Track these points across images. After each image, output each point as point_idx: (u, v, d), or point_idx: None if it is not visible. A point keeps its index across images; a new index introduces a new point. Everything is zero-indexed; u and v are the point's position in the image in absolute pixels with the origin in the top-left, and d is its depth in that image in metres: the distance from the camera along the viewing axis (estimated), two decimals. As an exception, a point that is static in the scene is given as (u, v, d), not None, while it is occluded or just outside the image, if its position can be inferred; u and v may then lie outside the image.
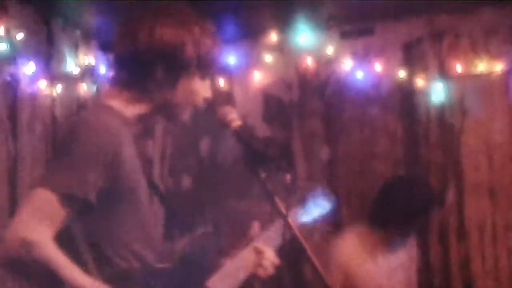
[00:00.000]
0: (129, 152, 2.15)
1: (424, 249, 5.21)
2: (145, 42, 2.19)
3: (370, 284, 4.04)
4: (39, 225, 1.98)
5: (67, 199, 2.02)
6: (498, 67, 5.16)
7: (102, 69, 5.52)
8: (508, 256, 5.08)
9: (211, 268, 2.31)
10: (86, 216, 2.09)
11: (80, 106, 5.26)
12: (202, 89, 2.27)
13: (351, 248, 4.07)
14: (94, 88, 5.41)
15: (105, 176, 2.07)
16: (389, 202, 4.03)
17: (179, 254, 2.23)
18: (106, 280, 2.06)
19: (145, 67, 2.19)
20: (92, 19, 5.34)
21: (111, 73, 2.36)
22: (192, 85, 2.24)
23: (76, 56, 5.33)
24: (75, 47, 5.34)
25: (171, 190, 5.80)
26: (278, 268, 2.42)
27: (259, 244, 2.36)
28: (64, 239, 2.05)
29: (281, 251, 2.42)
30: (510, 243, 5.09)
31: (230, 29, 5.37)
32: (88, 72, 5.39)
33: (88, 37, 5.47)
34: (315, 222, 2.44)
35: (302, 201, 2.51)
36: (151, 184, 2.31)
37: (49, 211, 2.02)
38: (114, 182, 2.10)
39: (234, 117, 2.18)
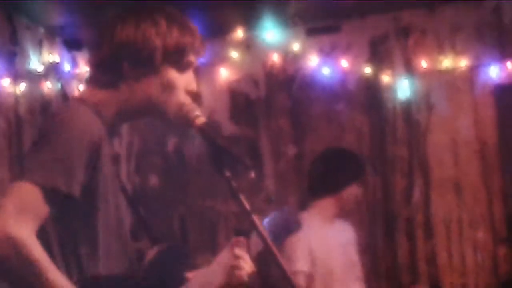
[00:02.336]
0: (107, 150, 2.10)
1: (390, 245, 5.24)
2: (109, 41, 2.17)
3: (332, 259, 4.12)
4: (24, 221, 1.89)
5: (51, 193, 1.94)
6: (463, 63, 5.20)
7: (67, 67, 5.47)
8: (474, 251, 5.13)
9: (179, 283, 2.22)
10: (66, 214, 2.02)
11: (44, 104, 5.21)
12: (183, 82, 2.20)
13: (310, 224, 4.12)
14: (59, 85, 5.36)
15: (87, 171, 2.01)
16: (320, 173, 4.28)
17: (147, 266, 2.18)
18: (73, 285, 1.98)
19: (113, 66, 2.16)
20: (56, 16, 5.30)
21: (87, 74, 2.31)
22: (170, 79, 2.18)
23: (40, 53, 5.27)
24: (39, 45, 5.28)
25: (137, 189, 5.76)
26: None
27: (237, 249, 2.27)
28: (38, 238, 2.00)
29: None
30: (476, 239, 5.13)
31: (196, 25, 5.34)
32: (52, 70, 5.33)
33: (52, 35, 5.41)
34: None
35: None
36: (121, 186, 2.28)
37: (33, 207, 1.93)
38: (92, 180, 2.04)
39: (198, 114, 2.15)
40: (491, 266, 5.10)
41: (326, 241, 4.13)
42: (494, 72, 5.12)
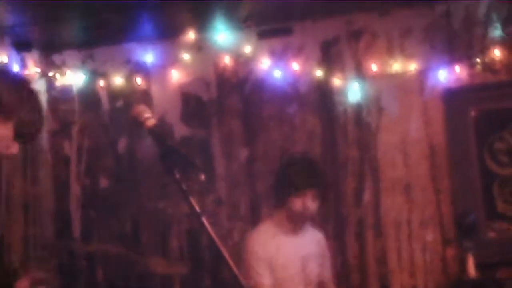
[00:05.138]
0: None
1: (341, 245, 5.28)
2: None
3: (288, 266, 4.19)
4: None
5: None
6: (413, 66, 5.26)
7: (15, 68, 5.39)
8: (422, 252, 5.19)
9: None
10: None
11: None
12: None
13: (267, 235, 4.22)
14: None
15: None
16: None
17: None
18: None
19: None
20: (5, 16, 5.22)
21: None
22: None
23: (-12, 53, 5.20)
24: (-13, 45, 5.21)
25: (88, 190, 5.71)
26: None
27: None
28: None
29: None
30: (425, 239, 5.20)
31: (148, 27, 5.32)
32: (0, 71, 5.25)
33: (1, 35, 5.33)
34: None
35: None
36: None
37: None
38: None
39: (148, 116, 2.16)
40: (440, 267, 5.17)
41: (285, 251, 4.19)
42: (442, 76, 5.20)
